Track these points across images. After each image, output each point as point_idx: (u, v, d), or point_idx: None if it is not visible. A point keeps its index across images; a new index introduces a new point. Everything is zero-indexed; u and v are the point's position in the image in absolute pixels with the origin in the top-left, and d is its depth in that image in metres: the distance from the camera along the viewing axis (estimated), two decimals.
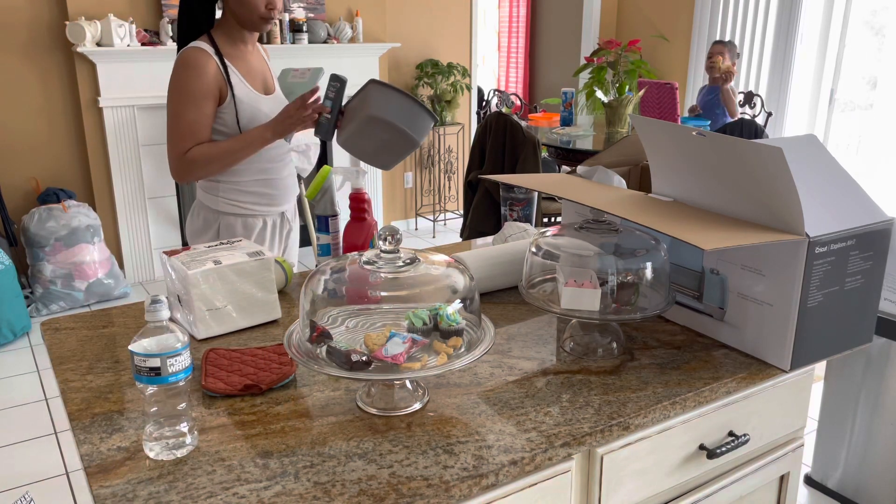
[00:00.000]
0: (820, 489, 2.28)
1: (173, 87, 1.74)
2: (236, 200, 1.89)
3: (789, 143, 1.11)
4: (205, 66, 1.73)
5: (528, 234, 1.56)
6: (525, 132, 3.20)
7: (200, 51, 1.74)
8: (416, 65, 4.98)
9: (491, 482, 0.87)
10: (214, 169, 1.79)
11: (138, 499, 0.82)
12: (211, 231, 1.93)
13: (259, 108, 1.83)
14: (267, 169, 1.91)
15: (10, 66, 3.67)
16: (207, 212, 1.92)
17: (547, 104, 6.47)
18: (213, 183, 1.89)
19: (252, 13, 1.77)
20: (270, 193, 1.93)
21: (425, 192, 5.31)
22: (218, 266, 1.20)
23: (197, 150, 1.75)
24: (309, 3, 4.37)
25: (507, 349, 1.18)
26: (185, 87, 1.73)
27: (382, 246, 0.98)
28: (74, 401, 1.03)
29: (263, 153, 1.88)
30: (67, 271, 3.68)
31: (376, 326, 0.95)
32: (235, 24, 1.81)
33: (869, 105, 4.74)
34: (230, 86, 1.77)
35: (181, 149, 1.75)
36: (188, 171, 1.78)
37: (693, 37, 5.24)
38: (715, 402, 1.11)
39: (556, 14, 6.84)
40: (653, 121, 1.22)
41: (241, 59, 1.84)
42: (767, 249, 1.09)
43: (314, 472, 0.86)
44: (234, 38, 1.83)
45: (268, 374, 1.07)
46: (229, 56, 1.80)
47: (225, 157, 1.77)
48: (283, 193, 1.97)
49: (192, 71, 1.72)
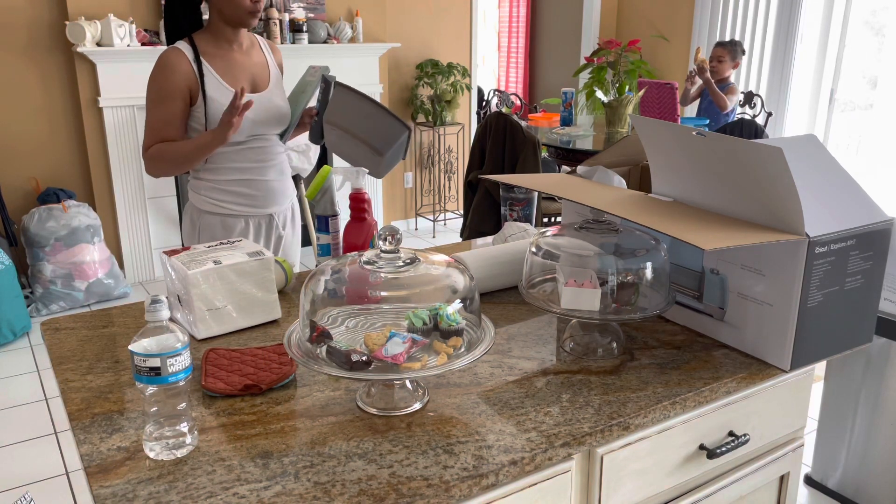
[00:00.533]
0: (820, 489, 2.28)
1: (147, 87, 1.81)
2: (216, 199, 1.91)
3: (789, 143, 1.11)
4: (175, 65, 1.78)
5: (528, 234, 1.56)
6: (525, 132, 3.20)
7: (174, 51, 1.79)
8: (416, 65, 4.98)
9: (491, 482, 0.87)
10: (169, 168, 1.82)
11: (138, 499, 0.82)
12: (196, 231, 1.95)
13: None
14: (247, 169, 1.91)
15: (10, 66, 3.67)
16: (193, 210, 1.95)
17: (547, 104, 6.47)
18: (197, 181, 1.91)
19: (238, 9, 1.79)
20: (252, 195, 1.93)
21: (425, 192, 5.31)
22: (218, 266, 1.20)
23: (156, 148, 1.80)
24: (309, 3, 4.37)
25: (507, 349, 1.18)
26: (154, 86, 1.80)
27: (382, 246, 0.98)
28: (74, 401, 1.03)
29: (244, 153, 1.89)
30: (67, 271, 3.67)
31: (376, 326, 0.95)
32: (221, 24, 1.84)
33: (869, 105, 4.74)
34: (202, 85, 1.80)
35: (145, 145, 1.82)
36: (150, 167, 1.83)
37: (693, 37, 5.24)
38: (715, 402, 1.11)
39: (556, 14, 6.84)
40: (653, 121, 1.22)
41: (224, 58, 1.86)
42: (767, 249, 1.09)
43: (314, 472, 0.86)
44: (218, 37, 1.86)
45: (268, 374, 1.07)
46: (209, 56, 1.83)
47: (177, 157, 1.80)
48: (266, 196, 1.96)
49: (162, 71, 1.78)
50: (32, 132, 3.81)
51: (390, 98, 4.94)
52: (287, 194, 2.04)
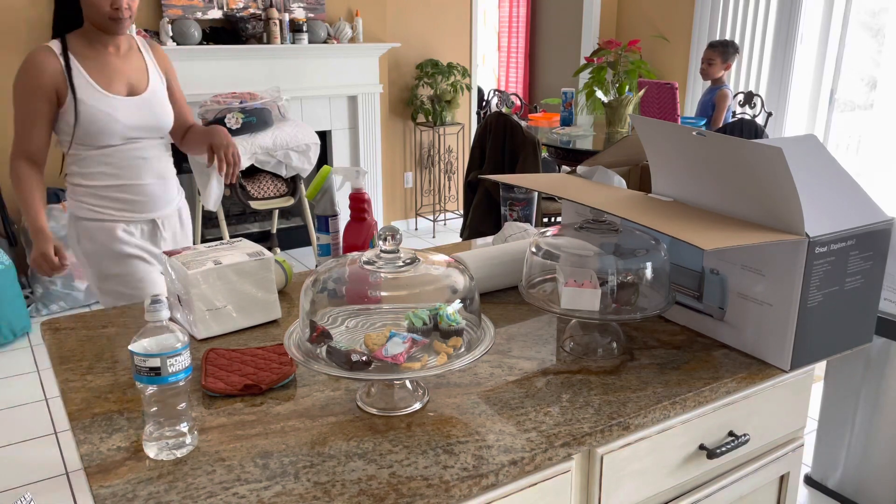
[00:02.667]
0: (820, 489, 2.28)
1: (13, 86, 1.79)
2: (92, 205, 1.87)
3: (789, 143, 1.11)
4: (41, 64, 1.74)
5: (528, 234, 1.56)
6: (525, 132, 3.20)
7: (42, 50, 1.76)
8: (416, 65, 4.98)
9: (491, 482, 0.87)
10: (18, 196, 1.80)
11: (138, 499, 0.82)
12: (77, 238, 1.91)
13: (104, 109, 1.79)
14: (121, 174, 1.87)
15: (10, 67, 3.67)
16: (72, 217, 1.90)
17: (547, 104, 6.47)
18: (73, 186, 1.87)
19: (97, 13, 1.75)
20: (129, 199, 1.89)
21: (425, 192, 5.31)
22: (218, 266, 1.20)
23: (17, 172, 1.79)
24: (309, 3, 4.37)
25: (507, 349, 1.18)
26: (18, 85, 1.76)
27: (382, 246, 0.98)
28: (74, 401, 1.03)
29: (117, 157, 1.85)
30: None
31: (376, 326, 0.95)
32: (90, 27, 1.80)
33: (869, 105, 4.74)
34: (71, 86, 1.76)
35: (12, 153, 1.80)
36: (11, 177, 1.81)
37: (693, 37, 5.24)
38: (715, 402, 1.11)
39: (556, 14, 6.84)
40: (653, 121, 1.22)
41: (97, 59, 1.81)
42: (767, 249, 1.09)
43: (314, 472, 0.86)
44: (90, 38, 1.82)
45: (268, 374, 1.07)
46: (81, 57, 1.79)
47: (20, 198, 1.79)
48: (148, 201, 1.91)
49: (26, 70, 1.75)
50: None
51: (390, 98, 4.94)
52: (170, 198, 1.98)
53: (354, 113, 4.69)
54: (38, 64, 1.74)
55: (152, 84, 1.90)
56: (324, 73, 4.44)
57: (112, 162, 1.85)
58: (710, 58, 4.37)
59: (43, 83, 1.75)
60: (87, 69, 1.79)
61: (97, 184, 1.85)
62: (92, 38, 1.82)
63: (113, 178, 1.86)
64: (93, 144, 1.82)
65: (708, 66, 4.38)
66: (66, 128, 1.80)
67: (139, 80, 1.88)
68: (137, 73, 1.89)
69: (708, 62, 4.38)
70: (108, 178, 1.86)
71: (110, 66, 1.84)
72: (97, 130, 1.80)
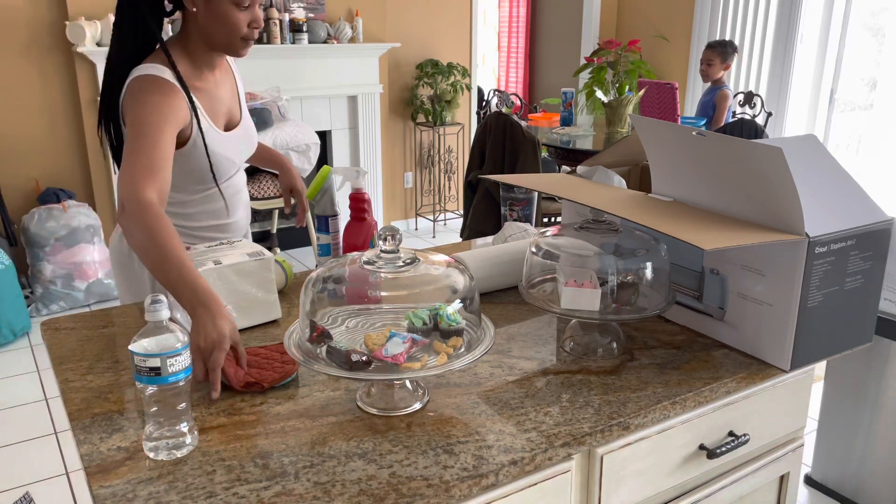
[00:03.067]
0: (820, 489, 2.28)
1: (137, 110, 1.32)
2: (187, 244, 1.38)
3: (789, 143, 1.11)
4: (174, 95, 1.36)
5: (528, 234, 1.56)
6: (525, 132, 3.20)
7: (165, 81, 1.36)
8: (416, 65, 4.98)
9: (491, 482, 0.87)
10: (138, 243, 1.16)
11: (138, 499, 0.82)
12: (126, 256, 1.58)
13: (221, 152, 1.50)
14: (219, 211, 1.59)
15: (10, 66, 3.67)
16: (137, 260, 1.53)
17: (547, 104, 6.46)
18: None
19: (231, 35, 1.41)
20: (222, 236, 1.62)
21: (425, 192, 5.31)
22: (218, 266, 1.20)
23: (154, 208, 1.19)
24: (309, 3, 4.37)
25: (507, 349, 1.18)
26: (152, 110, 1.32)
27: (382, 246, 0.98)
28: (74, 401, 1.03)
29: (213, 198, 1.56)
30: (67, 271, 3.67)
31: (376, 326, 0.95)
32: (203, 47, 1.45)
33: (869, 105, 4.74)
34: (199, 125, 1.42)
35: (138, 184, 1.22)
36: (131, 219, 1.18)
37: (693, 37, 5.24)
38: (715, 402, 1.11)
39: (556, 14, 6.84)
40: (653, 121, 1.22)
41: (204, 89, 1.48)
42: (767, 249, 1.09)
43: (314, 472, 0.86)
44: (198, 64, 1.47)
45: (270, 372, 1.07)
46: (193, 88, 1.44)
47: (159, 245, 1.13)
48: (234, 234, 1.65)
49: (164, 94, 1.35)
50: (32, 132, 3.80)
51: (390, 98, 4.95)
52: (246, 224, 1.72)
53: (354, 113, 4.69)
54: (168, 92, 1.35)
55: (244, 110, 1.62)
56: (324, 73, 4.44)
57: (214, 198, 1.57)
58: (710, 58, 4.37)
59: (179, 117, 1.37)
60: (202, 103, 1.46)
61: (194, 224, 1.56)
62: (200, 63, 1.47)
63: (213, 217, 1.58)
64: (196, 189, 1.53)
65: (707, 66, 4.39)
66: (188, 175, 1.48)
67: (233, 106, 1.58)
68: (230, 96, 1.57)
69: (707, 63, 4.39)
70: (207, 217, 1.57)
71: (214, 95, 1.51)
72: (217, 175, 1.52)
